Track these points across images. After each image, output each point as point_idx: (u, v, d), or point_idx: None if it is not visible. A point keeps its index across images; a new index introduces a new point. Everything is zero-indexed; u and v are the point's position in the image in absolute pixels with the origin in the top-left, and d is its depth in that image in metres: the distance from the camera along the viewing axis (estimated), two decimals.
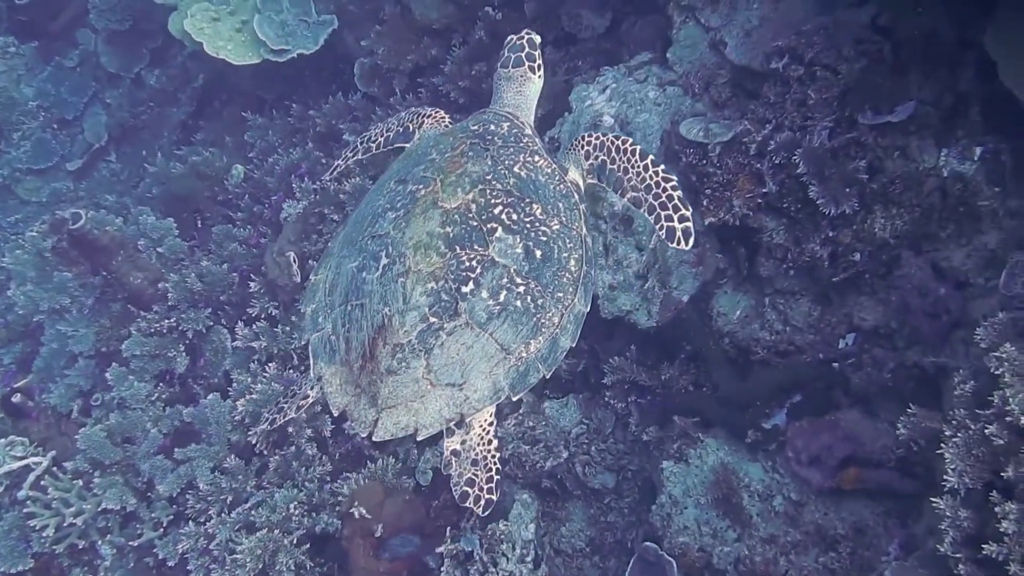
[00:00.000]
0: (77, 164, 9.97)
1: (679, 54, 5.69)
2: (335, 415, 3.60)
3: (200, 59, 8.04)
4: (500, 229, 3.53)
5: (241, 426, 6.05)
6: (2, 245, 9.52)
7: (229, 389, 6.33)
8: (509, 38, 4.33)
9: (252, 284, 6.57)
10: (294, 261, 6.35)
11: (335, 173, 4.86)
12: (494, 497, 3.62)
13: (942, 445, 3.89)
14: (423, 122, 4.40)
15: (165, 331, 6.69)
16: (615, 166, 3.91)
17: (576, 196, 3.87)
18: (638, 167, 3.85)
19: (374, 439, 3.46)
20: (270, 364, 6.28)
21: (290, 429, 5.92)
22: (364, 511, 5.19)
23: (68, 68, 10.42)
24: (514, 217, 3.57)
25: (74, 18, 10.80)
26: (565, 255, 3.64)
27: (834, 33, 4.99)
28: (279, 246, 6.48)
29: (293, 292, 6.40)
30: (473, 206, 3.56)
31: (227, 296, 6.78)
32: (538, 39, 4.30)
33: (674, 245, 3.74)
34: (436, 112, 4.44)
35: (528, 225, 3.58)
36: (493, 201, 3.58)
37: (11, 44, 10.61)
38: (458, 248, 3.47)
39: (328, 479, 5.88)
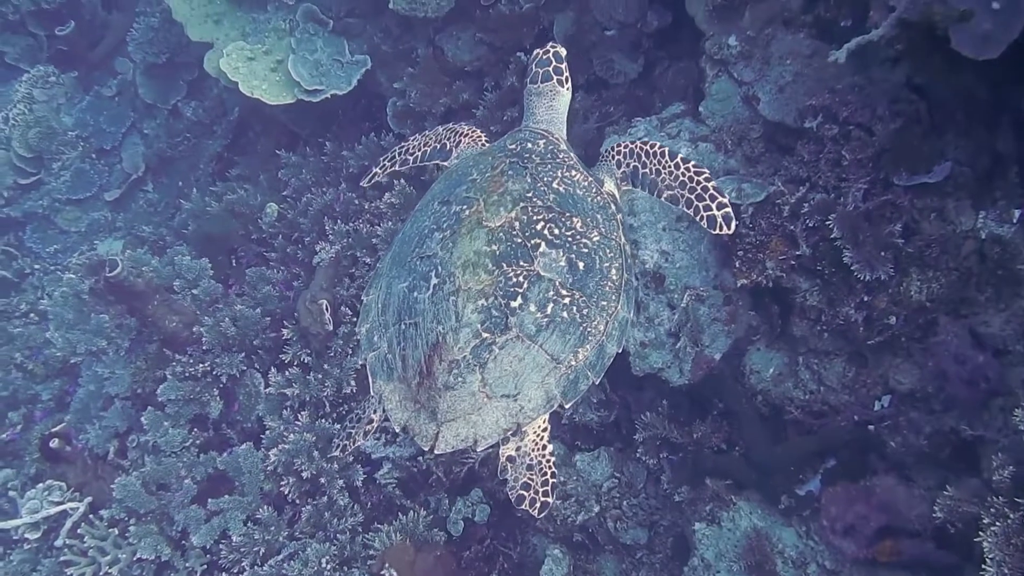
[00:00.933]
0: (115, 194, 10.07)
1: (712, 108, 5.64)
2: (397, 430, 3.67)
3: (235, 92, 8.08)
4: (543, 244, 3.62)
5: (274, 476, 6.08)
6: (42, 276, 9.69)
7: (262, 437, 6.36)
8: (535, 52, 4.39)
9: (285, 331, 6.60)
10: (326, 309, 6.37)
11: (371, 180, 4.89)
12: (550, 500, 3.67)
13: (980, 533, 3.83)
14: (460, 140, 4.52)
15: (200, 375, 6.74)
16: (647, 169, 4.05)
17: (613, 207, 3.98)
18: (669, 166, 3.98)
19: (436, 452, 3.53)
20: (302, 412, 6.32)
21: (322, 480, 5.95)
22: (395, 573, 5.19)
23: (107, 97, 10.54)
24: (556, 232, 3.66)
25: (113, 47, 10.93)
26: (606, 264, 3.73)
27: (868, 92, 4.93)
28: (312, 293, 6.50)
29: (325, 340, 6.43)
30: (516, 223, 3.65)
31: (260, 340, 6.82)
32: (564, 51, 4.36)
33: (716, 231, 3.85)
34: (472, 131, 4.54)
35: (570, 238, 3.67)
36: (535, 217, 3.67)
37: (51, 73, 10.73)
38: (505, 265, 3.56)
39: (360, 530, 5.90)
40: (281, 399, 6.51)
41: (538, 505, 3.64)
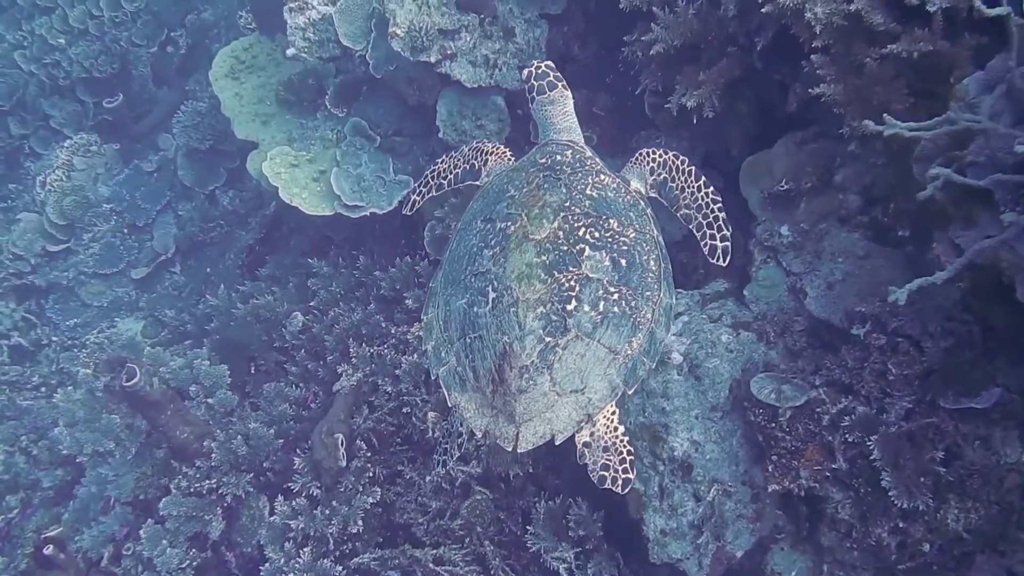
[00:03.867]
0: (142, 272, 10.04)
1: (757, 293, 5.53)
2: (479, 436, 3.97)
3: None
4: (587, 248, 3.95)
5: None
6: (59, 350, 9.61)
7: (261, 569, 6.19)
8: (527, 72, 4.73)
9: (297, 459, 6.44)
10: (341, 444, 6.22)
11: (412, 208, 5.15)
12: (631, 476, 3.98)
13: None
14: (487, 159, 4.82)
15: (204, 492, 6.57)
16: (674, 184, 4.48)
17: (642, 203, 4.37)
18: (692, 187, 4.42)
19: (519, 450, 3.84)
20: (305, 548, 6.13)
21: None
22: None
23: (146, 173, 10.60)
24: (596, 235, 3.99)
25: (158, 122, 11.02)
26: (645, 257, 4.07)
27: (921, 307, 4.80)
28: (328, 424, 6.35)
29: (337, 475, 6.26)
30: (560, 233, 3.98)
31: (271, 463, 6.67)
32: (551, 63, 4.75)
33: (714, 260, 4.34)
34: (496, 148, 4.86)
35: (609, 239, 4.01)
36: (576, 225, 4.00)
37: (93, 142, 10.81)
38: (556, 272, 3.89)
39: None
40: (285, 529, 6.33)
41: (620, 481, 3.96)
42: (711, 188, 4.38)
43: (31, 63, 11.29)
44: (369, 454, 6.40)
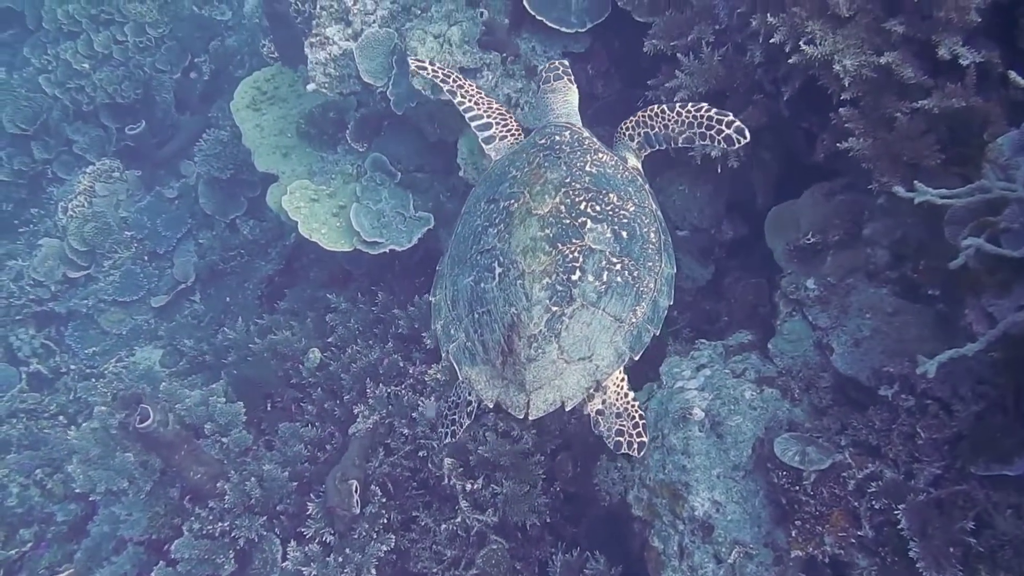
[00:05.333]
0: (162, 300, 10.01)
1: (781, 347, 5.38)
2: (490, 407, 4.11)
3: None
4: (589, 221, 4.08)
5: None
6: (76, 379, 9.57)
7: None
8: (541, 68, 5.23)
9: (311, 505, 6.34)
10: (355, 490, 6.12)
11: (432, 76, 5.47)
12: (645, 439, 4.17)
13: None
14: (507, 136, 5.13)
15: (217, 534, 6.48)
16: (655, 130, 4.70)
17: (640, 179, 4.58)
18: (673, 117, 4.63)
19: (530, 417, 3.94)
20: None
21: None
22: None
23: (167, 200, 10.57)
24: (597, 208, 4.14)
25: (180, 149, 11.01)
26: (645, 230, 4.23)
27: (951, 367, 4.63)
28: (343, 470, 6.25)
29: (351, 522, 6.16)
30: (562, 207, 4.13)
31: (284, 506, 6.58)
32: (567, 62, 5.16)
33: (735, 147, 4.51)
34: (517, 130, 5.18)
35: (610, 212, 4.15)
36: (577, 199, 4.15)
37: (116, 168, 10.81)
38: (560, 245, 4.01)
39: None
40: (297, 575, 6.23)
41: (636, 445, 4.14)
42: (689, 104, 4.61)
43: (55, 87, 11.33)
44: (384, 499, 6.30)
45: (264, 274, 9.42)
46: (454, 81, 5.31)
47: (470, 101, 5.22)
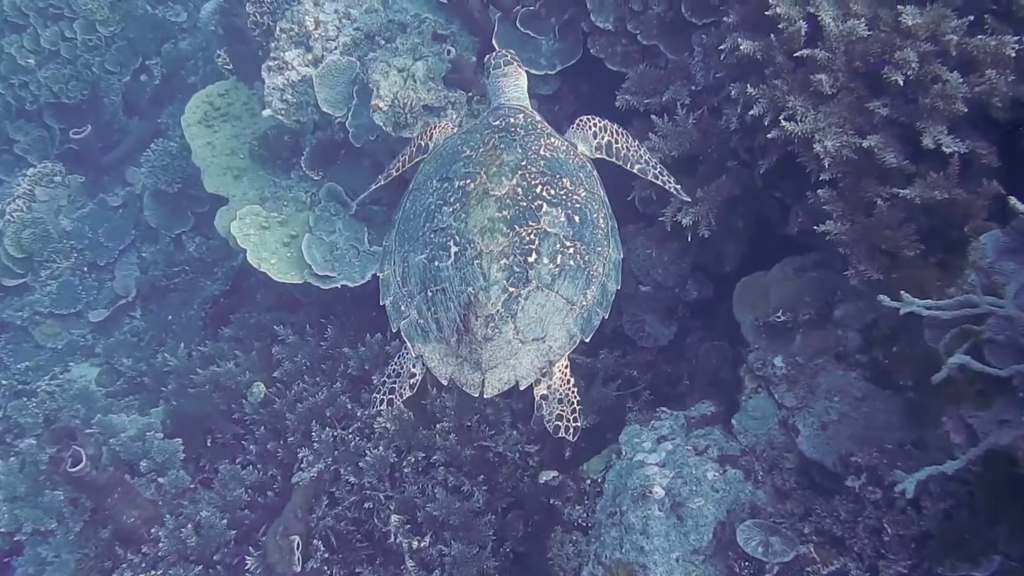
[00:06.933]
0: (101, 315, 9.60)
1: (745, 424, 5.24)
2: (444, 384, 4.23)
3: None
4: (545, 204, 4.18)
5: None
6: (8, 395, 9.14)
7: None
8: (487, 58, 5.19)
9: (249, 560, 6.06)
10: (297, 548, 5.86)
11: (365, 197, 6.16)
12: (580, 424, 4.23)
13: None
14: (432, 133, 5.07)
15: None
16: (619, 146, 4.85)
17: (589, 165, 4.66)
18: (636, 150, 4.92)
19: (486, 396, 4.06)
20: None
21: None
22: None
23: (111, 208, 10.16)
24: (552, 192, 4.24)
25: (127, 155, 10.62)
26: (595, 215, 4.35)
27: (918, 462, 4.52)
28: (284, 524, 5.99)
29: None
30: (519, 189, 4.20)
31: (221, 555, 6.29)
32: (512, 52, 5.21)
33: (677, 194, 4.96)
34: (440, 122, 5.25)
35: (564, 196, 4.25)
36: (533, 182, 4.23)
37: (58, 172, 10.35)
38: (517, 227, 4.10)
39: None
40: None
41: (571, 430, 4.20)
42: (649, 154, 4.96)
43: None
44: (327, 554, 6.04)
45: (209, 294, 9.07)
46: (395, 170, 5.41)
47: (409, 156, 5.29)
